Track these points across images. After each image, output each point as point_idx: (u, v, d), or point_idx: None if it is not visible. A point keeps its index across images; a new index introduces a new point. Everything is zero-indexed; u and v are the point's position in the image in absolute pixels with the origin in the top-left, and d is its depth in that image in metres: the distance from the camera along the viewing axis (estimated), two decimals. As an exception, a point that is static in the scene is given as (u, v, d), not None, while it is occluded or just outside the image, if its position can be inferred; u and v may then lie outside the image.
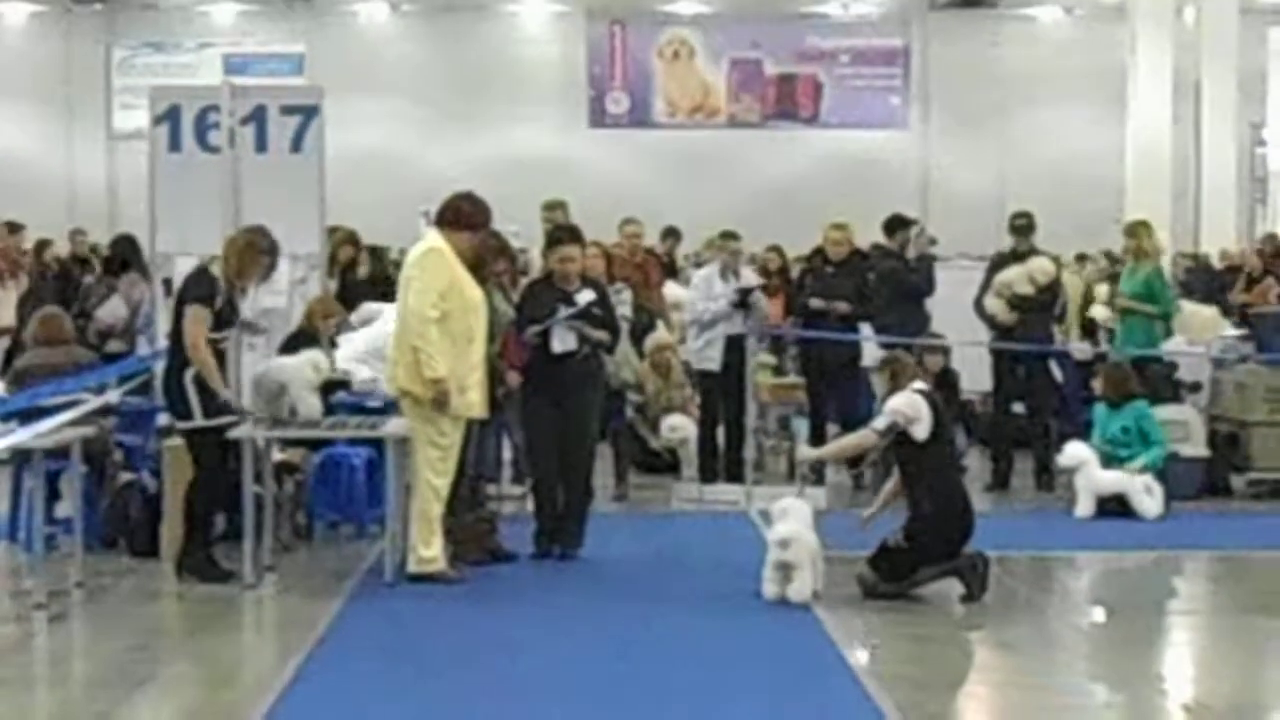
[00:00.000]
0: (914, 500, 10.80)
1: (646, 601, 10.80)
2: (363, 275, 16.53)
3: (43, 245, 22.38)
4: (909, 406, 10.78)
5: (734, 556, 11.78)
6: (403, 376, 11.20)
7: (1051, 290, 15.85)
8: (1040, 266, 15.61)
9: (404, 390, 11.24)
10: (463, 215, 11.45)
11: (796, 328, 16.34)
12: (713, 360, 15.48)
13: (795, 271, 19.52)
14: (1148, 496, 14.02)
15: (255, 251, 11.51)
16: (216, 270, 11.45)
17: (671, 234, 21.59)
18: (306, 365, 11.80)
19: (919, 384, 11.04)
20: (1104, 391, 14.72)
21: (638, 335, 16.23)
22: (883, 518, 11.08)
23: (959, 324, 16.54)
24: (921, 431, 10.74)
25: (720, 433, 15.53)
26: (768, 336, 16.50)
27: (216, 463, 11.28)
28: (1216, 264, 26.38)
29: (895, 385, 10.95)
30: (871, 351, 16.33)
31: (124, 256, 16.71)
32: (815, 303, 15.61)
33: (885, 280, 16.02)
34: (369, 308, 14.64)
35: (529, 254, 15.88)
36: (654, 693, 8.59)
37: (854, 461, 15.14)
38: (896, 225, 16.82)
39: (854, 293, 15.67)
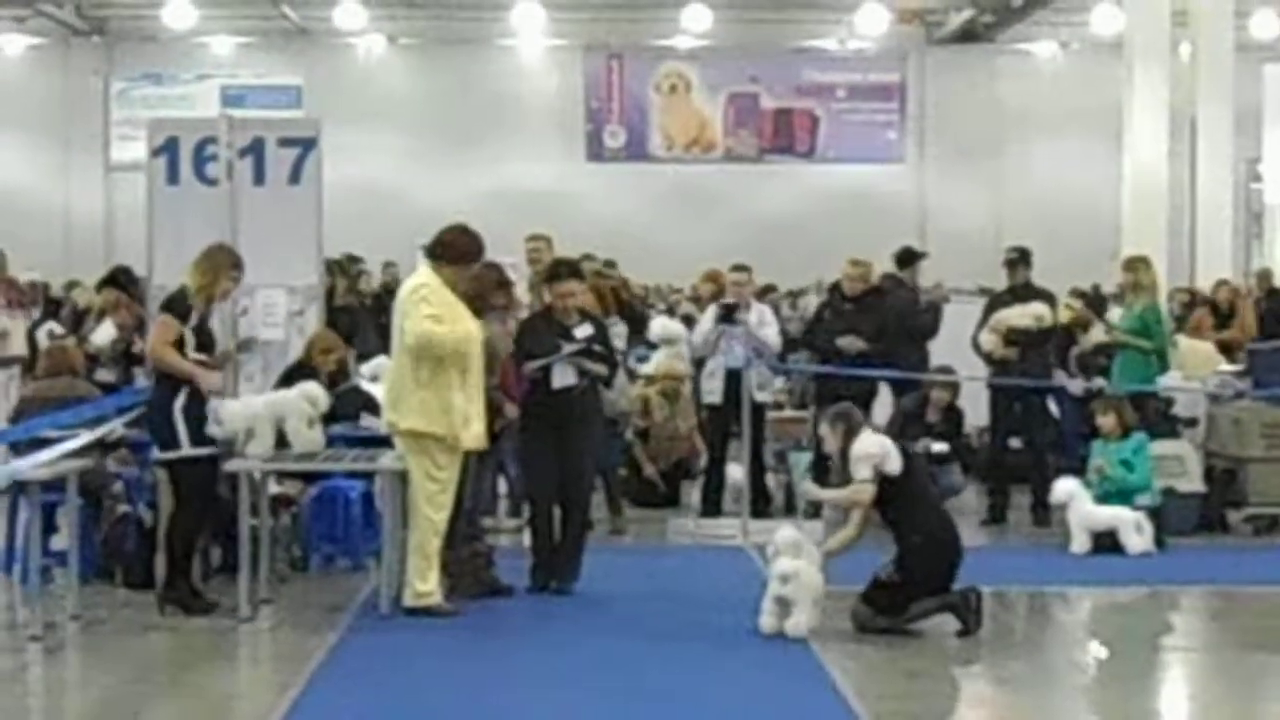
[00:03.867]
0: (900, 535, 10.80)
1: (643, 636, 10.78)
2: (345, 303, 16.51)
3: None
4: (875, 446, 10.81)
5: (730, 590, 11.76)
6: (398, 416, 11.18)
7: (1048, 330, 15.87)
8: (1035, 311, 15.61)
9: (399, 428, 11.22)
10: (454, 249, 11.44)
11: (814, 362, 16.34)
12: (714, 393, 15.56)
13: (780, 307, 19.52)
14: (1136, 534, 14.00)
15: (226, 266, 11.47)
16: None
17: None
18: (302, 399, 11.80)
19: (868, 429, 11.08)
20: (1114, 426, 14.62)
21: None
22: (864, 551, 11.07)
23: (956, 359, 16.55)
24: (894, 466, 10.76)
25: (735, 468, 15.51)
26: (781, 370, 16.45)
27: (199, 493, 11.23)
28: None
29: (849, 439, 10.94)
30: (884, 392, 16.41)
31: (119, 284, 16.68)
32: (842, 342, 15.51)
33: (896, 315, 16.05)
34: (379, 362, 14.58)
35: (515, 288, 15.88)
36: (650, 727, 8.59)
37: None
38: (909, 258, 16.88)
39: (873, 330, 15.62)
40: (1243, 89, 30.30)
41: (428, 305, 11.12)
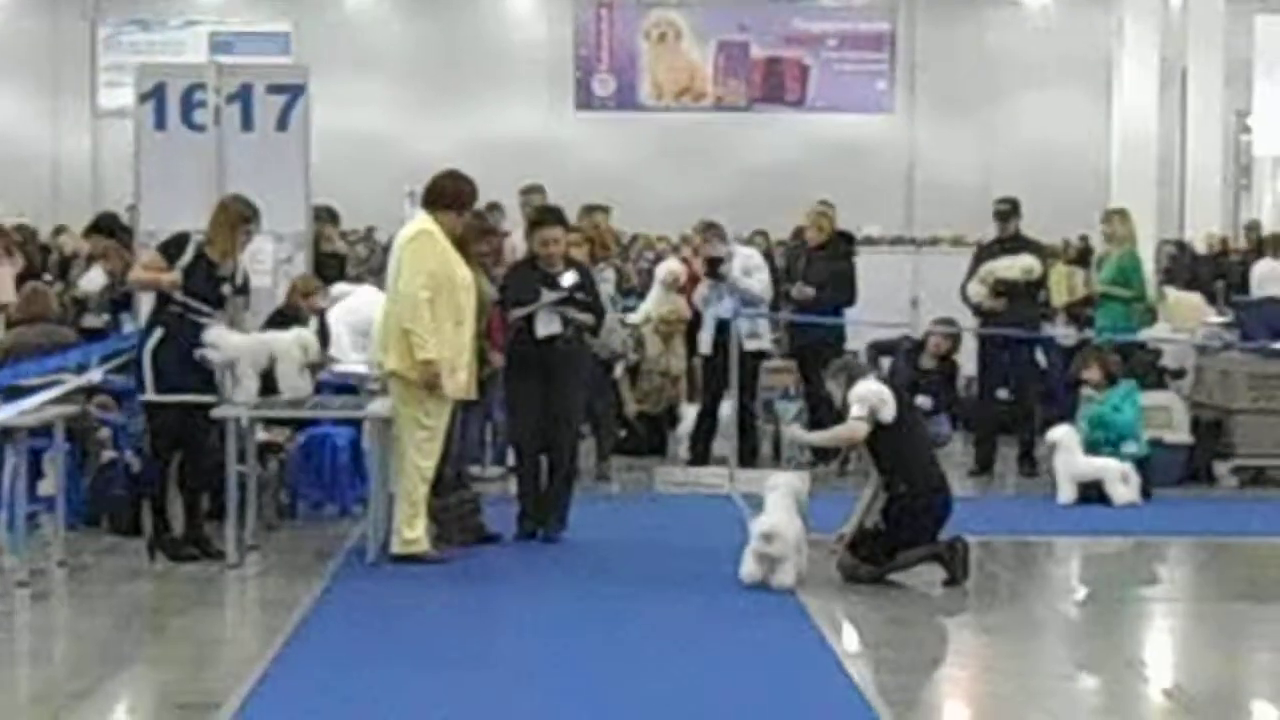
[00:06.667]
0: (889, 483, 10.83)
1: (630, 584, 10.80)
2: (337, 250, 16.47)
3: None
4: (873, 393, 10.83)
5: (718, 539, 11.77)
6: (391, 358, 11.18)
7: (1037, 283, 15.91)
8: (1024, 263, 15.62)
9: (391, 371, 11.22)
10: (449, 194, 11.43)
11: (788, 311, 16.38)
12: (705, 343, 15.59)
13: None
14: (1122, 484, 14.04)
15: (236, 220, 11.41)
16: (198, 240, 11.33)
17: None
18: (295, 344, 11.77)
19: (870, 377, 11.13)
20: (1098, 378, 14.65)
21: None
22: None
23: (944, 309, 16.57)
24: (888, 414, 10.78)
25: (725, 418, 15.53)
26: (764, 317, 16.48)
27: (163, 439, 11.20)
28: (1201, 250, 26.41)
29: (850, 386, 10.99)
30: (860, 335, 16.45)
31: (104, 227, 16.63)
32: (793, 290, 15.72)
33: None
34: (339, 287, 14.62)
35: (511, 237, 15.88)
36: (636, 675, 8.60)
37: (836, 450, 15.15)
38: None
39: (830, 276, 15.74)
40: (1233, 40, 30.27)
41: (428, 264, 11.08)
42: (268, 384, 11.79)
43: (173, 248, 11.28)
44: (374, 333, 11.74)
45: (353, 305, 14.13)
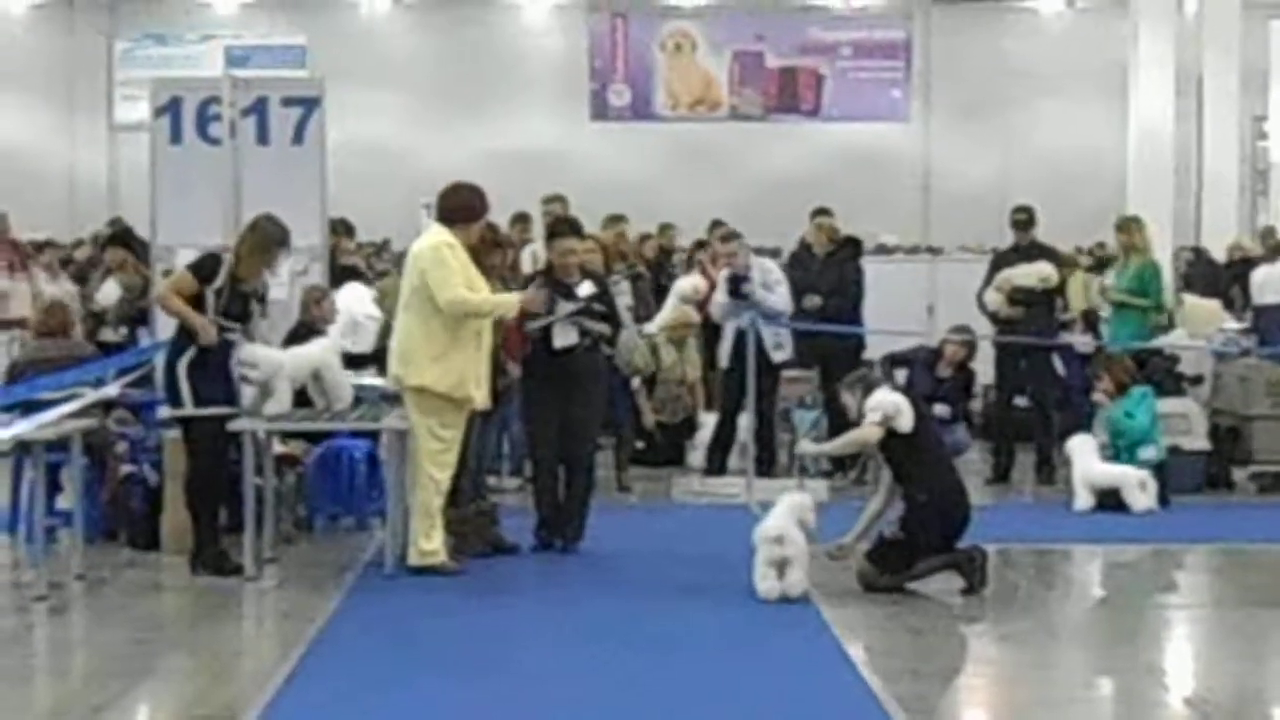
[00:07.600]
0: (908, 492, 10.82)
1: (647, 594, 10.80)
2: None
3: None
4: (889, 402, 10.83)
5: (735, 549, 11.73)
6: (408, 372, 11.18)
7: (1054, 290, 15.90)
8: (1040, 271, 15.61)
9: (407, 385, 11.22)
10: (465, 207, 11.44)
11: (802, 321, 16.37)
12: (724, 357, 15.59)
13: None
14: (1140, 491, 14.00)
15: (269, 243, 11.47)
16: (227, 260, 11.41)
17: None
18: (334, 354, 11.81)
19: (885, 387, 11.13)
20: (1109, 388, 14.64)
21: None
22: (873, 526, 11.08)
23: (961, 318, 16.55)
24: (905, 423, 10.77)
25: (743, 429, 15.53)
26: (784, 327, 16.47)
27: (210, 453, 11.22)
28: (1221, 257, 26.34)
29: (866, 397, 10.99)
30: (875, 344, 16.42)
31: (122, 240, 16.64)
32: (804, 300, 15.68)
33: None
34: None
35: (535, 245, 15.89)
36: (655, 685, 8.59)
37: (853, 460, 15.15)
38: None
39: (837, 284, 15.75)
40: (1249, 46, 30.22)
41: (454, 269, 11.09)
42: (300, 397, 11.83)
43: (206, 269, 11.32)
44: (383, 338, 11.78)
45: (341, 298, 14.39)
